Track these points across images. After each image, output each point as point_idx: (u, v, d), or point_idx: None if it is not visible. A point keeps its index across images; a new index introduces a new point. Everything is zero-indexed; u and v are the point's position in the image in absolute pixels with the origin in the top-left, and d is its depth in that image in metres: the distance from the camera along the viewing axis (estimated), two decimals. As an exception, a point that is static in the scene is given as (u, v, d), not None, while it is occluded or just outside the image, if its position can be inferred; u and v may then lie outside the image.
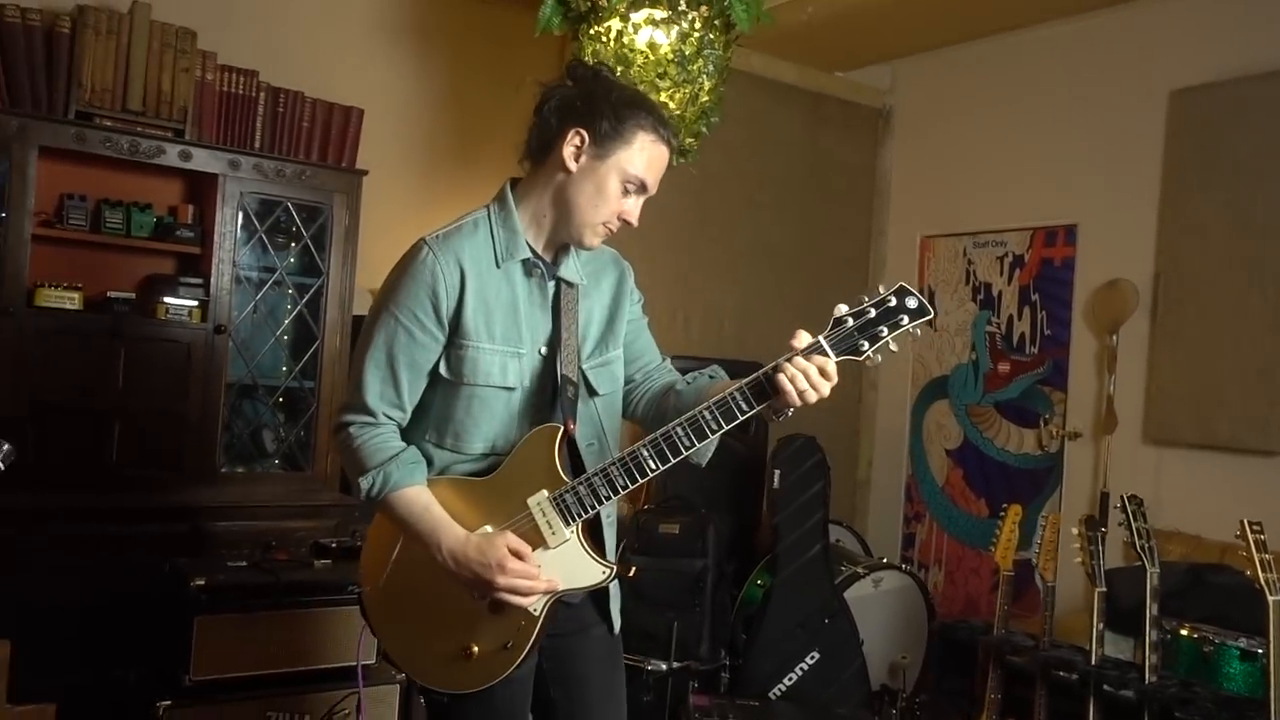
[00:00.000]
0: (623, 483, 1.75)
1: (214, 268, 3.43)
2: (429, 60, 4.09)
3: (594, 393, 1.90)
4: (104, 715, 2.91)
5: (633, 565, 3.76)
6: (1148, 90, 4.14)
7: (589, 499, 1.76)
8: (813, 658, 3.76)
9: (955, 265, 4.90)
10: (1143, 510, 2.95)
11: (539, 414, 1.83)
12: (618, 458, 1.76)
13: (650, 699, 3.47)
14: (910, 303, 1.69)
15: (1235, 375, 3.81)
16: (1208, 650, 3.04)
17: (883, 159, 5.29)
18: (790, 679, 3.73)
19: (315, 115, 3.65)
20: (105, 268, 3.41)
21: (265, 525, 3.38)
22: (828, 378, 1.68)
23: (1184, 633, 3.11)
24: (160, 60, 3.35)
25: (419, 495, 1.78)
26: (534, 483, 1.77)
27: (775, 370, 1.69)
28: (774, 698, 3.70)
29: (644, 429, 1.78)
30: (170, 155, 3.35)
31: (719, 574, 3.77)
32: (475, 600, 1.76)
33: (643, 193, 1.84)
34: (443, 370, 1.81)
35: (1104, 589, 2.98)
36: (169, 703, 2.68)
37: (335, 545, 3.12)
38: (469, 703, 1.79)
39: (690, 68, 3.01)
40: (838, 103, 5.15)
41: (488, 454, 1.82)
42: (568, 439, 1.82)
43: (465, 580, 1.74)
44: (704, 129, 3.16)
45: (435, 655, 1.79)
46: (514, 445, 1.81)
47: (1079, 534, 3.02)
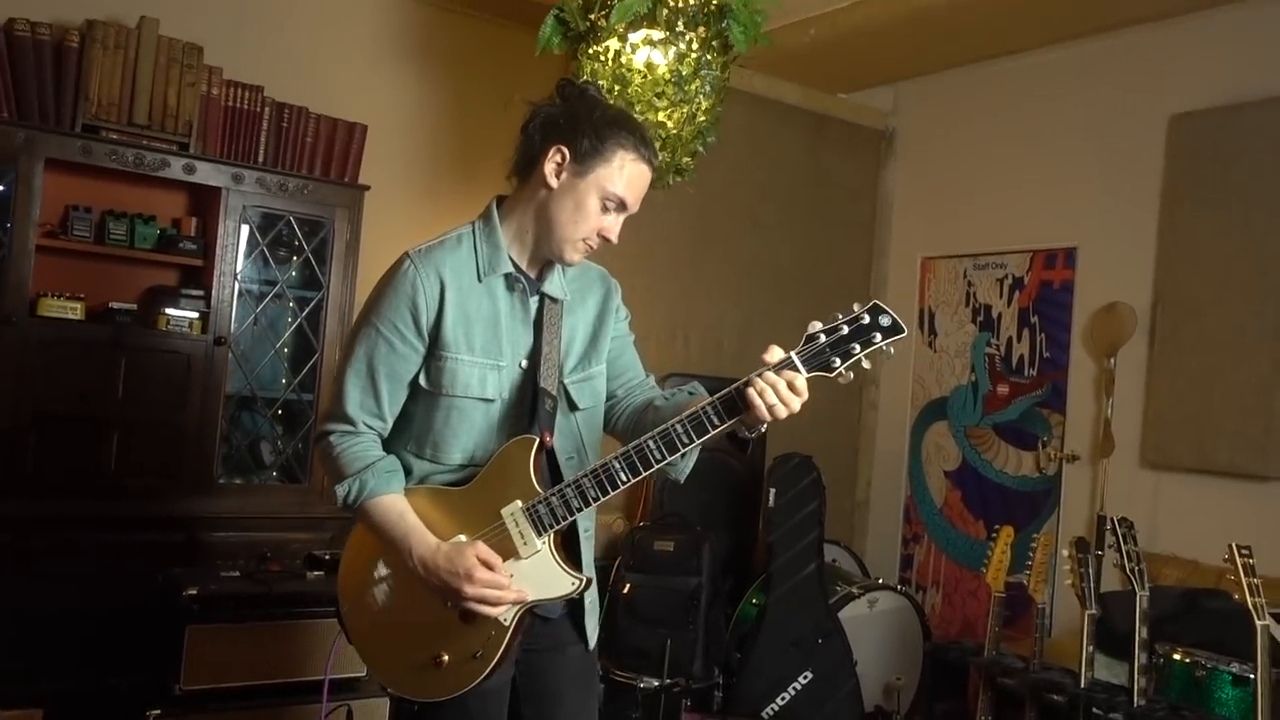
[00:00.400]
0: (594, 494, 1.77)
1: (215, 280, 3.46)
2: (432, 78, 4.13)
3: (574, 407, 1.93)
4: (93, 723, 2.93)
5: (627, 582, 3.77)
6: (1148, 115, 4.16)
7: (560, 509, 1.78)
8: (806, 677, 3.76)
9: (955, 287, 4.91)
10: (1133, 533, 2.95)
11: (518, 426, 1.85)
12: (590, 469, 1.78)
13: (639, 716, 3.47)
14: (884, 320, 1.69)
15: (1233, 400, 3.80)
16: (1200, 675, 3.03)
17: (884, 180, 5.31)
18: (783, 699, 3.73)
19: (319, 131, 3.69)
20: (108, 279, 3.45)
21: (261, 536, 3.40)
22: (797, 393, 1.69)
23: (1176, 657, 3.09)
24: (167, 75, 3.39)
25: (394, 503, 1.80)
26: (508, 493, 1.79)
27: (745, 385, 1.70)
28: (767, 717, 3.69)
29: (623, 443, 1.80)
30: (175, 168, 3.39)
31: (713, 592, 3.77)
32: (446, 609, 1.77)
33: (622, 210, 1.86)
34: (422, 381, 1.84)
35: (1094, 611, 2.97)
36: (159, 711, 2.70)
37: (329, 557, 3.14)
38: (441, 712, 1.80)
39: (687, 88, 3.03)
40: (840, 124, 5.18)
41: (466, 465, 1.84)
42: (546, 451, 1.84)
43: (435, 588, 1.76)
44: (700, 148, 3.18)
45: (406, 663, 1.81)
46: (492, 456, 1.83)
47: (1070, 556, 3.02)
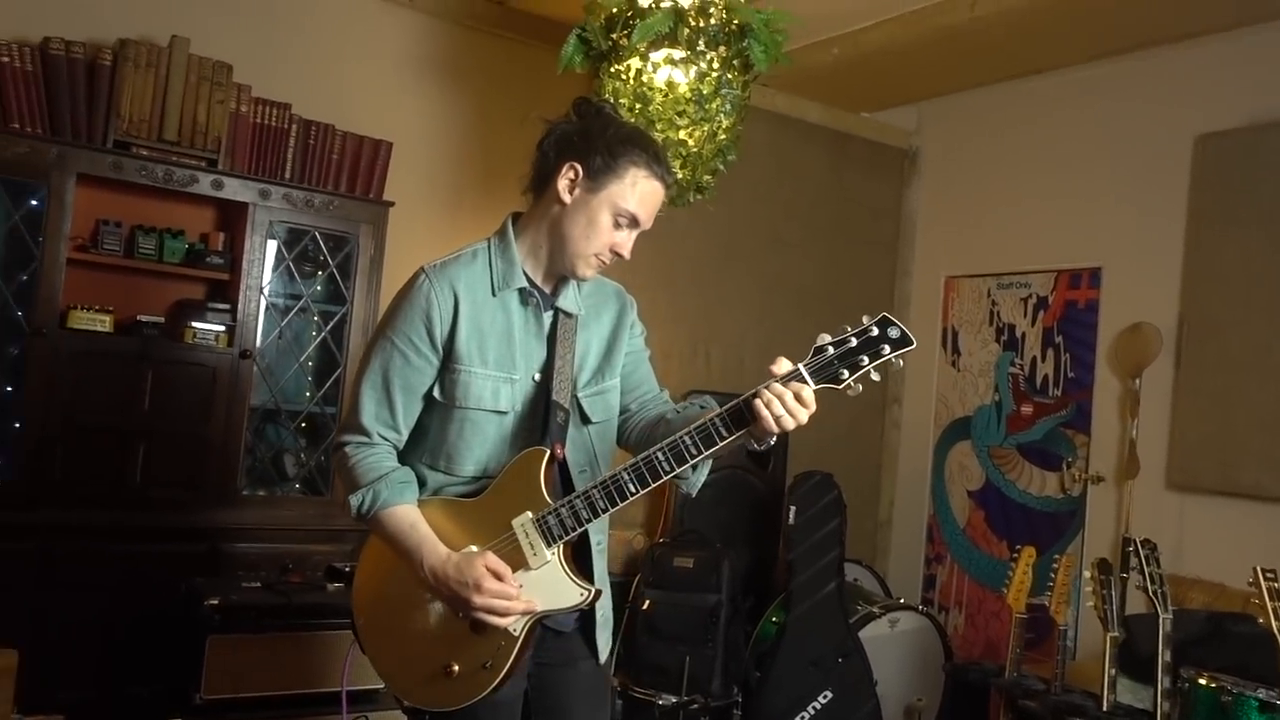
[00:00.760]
0: (603, 505, 1.78)
1: (242, 294, 3.51)
2: (456, 96, 4.18)
3: (587, 420, 1.94)
4: (114, 730, 2.96)
5: (647, 598, 3.77)
6: (1173, 135, 4.13)
7: (570, 521, 1.79)
8: (825, 697, 3.73)
9: (979, 306, 4.89)
10: (1156, 555, 2.92)
11: (531, 438, 1.87)
12: (599, 481, 1.79)
13: (657, 732, 3.46)
14: (892, 332, 1.69)
15: (1259, 422, 3.76)
16: (1225, 700, 2.98)
17: (908, 199, 5.31)
18: (803, 717, 3.70)
19: (345, 148, 3.74)
20: (137, 292, 3.50)
21: (284, 548, 3.43)
22: (805, 405, 1.68)
23: (1202, 682, 3.05)
24: (196, 92, 3.45)
25: (406, 514, 1.82)
26: (519, 504, 1.81)
27: (753, 396, 1.70)
28: (785, 736, 3.67)
29: (634, 456, 1.81)
30: (203, 184, 3.44)
31: (733, 609, 3.76)
32: (457, 619, 1.79)
33: (635, 227, 1.88)
34: (436, 394, 1.86)
35: (1116, 634, 2.94)
36: (179, 720, 2.73)
37: (349, 569, 3.16)
38: None
39: (708, 107, 3.05)
40: (863, 143, 5.18)
41: (479, 476, 1.86)
42: (558, 463, 1.86)
43: (445, 598, 1.77)
44: (721, 166, 3.20)
45: (417, 672, 1.82)
46: (503, 468, 1.85)
47: (1092, 578, 2.99)
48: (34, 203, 3.22)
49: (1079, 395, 4.42)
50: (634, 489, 1.77)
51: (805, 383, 1.69)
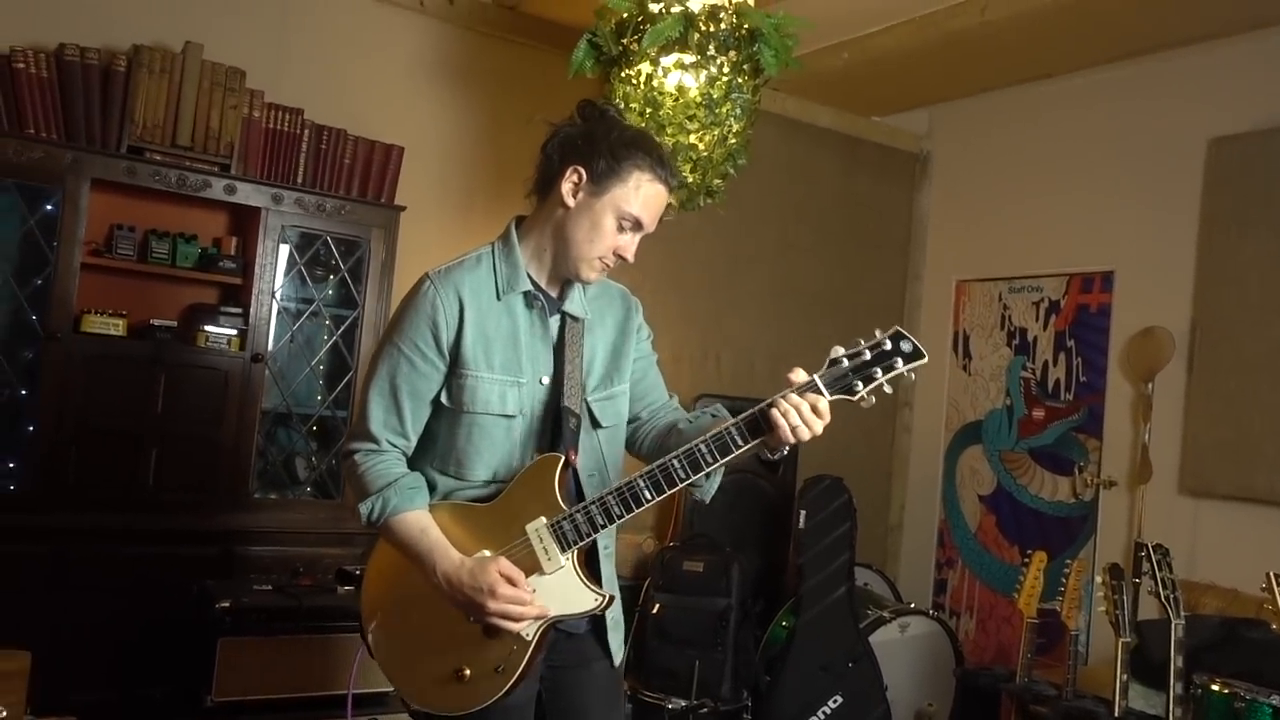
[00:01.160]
0: (618, 511, 1.78)
1: (254, 298, 3.52)
2: (467, 101, 4.20)
3: (597, 425, 1.95)
4: (126, 732, 2.97)
5: (656, 602, 3.77)
6: (1186, 138, 4.12)
7: (585, 526, 1.80)
8: (836, 701, 3.72)
9: (990, 310, 4.88)
10: (1168, 560, 2.91)
11: (540, 442, 1.87)
12: (615, 487, 1.79)
13: (667, 737, 3.46)
14: (905, 346, 1.73)
15: (1273, 426, 3.74)
16: (1239, 707, 2.96)
17: (919, 203, 5.30)
18: (812, 722, 3.70)
19: (356, 152, 3.75)
20: (150, 296, 3.53)
21: (295, 551, 3.45)
22: (820, 415, 1.70)
23: (1215, 688, 3.03)
24: (210, 98, 3.48)
25: (417, 519, 1.82)
26: (533, 510, 1.81)
27: (770, 406, 1.71)
28: (795, 741, 3.67)
29: (646, 464, 1.82)
30: (216, 189, 3.46)
31: (742, 613, 3.76)
32: (469, 623, 1.79)
33: (639, 230, 1.88)
34: (444, 399, 1.86)
35: (1128, 639, 2.93)
36: (191, 722, 2.74)
37: (360, 572, 3.13)
38: None
39: (718, 111, 3.06)
40: (874, 147, 5.18)
41: (490, 481, 1.86)
42: (570, 468, 1.86)
43: (458, 603, 1.78)
44: (731, 171, 3.20)
45: (428, 676, 1.82)
46: (516, 473, 1.85)
47: (1104, 583, 2.98)
48: (49, 207, 3.24)
49: (1091, 399, 4.40)
50: (650, 496, 1.77)
51: (821, 393, 1.71)
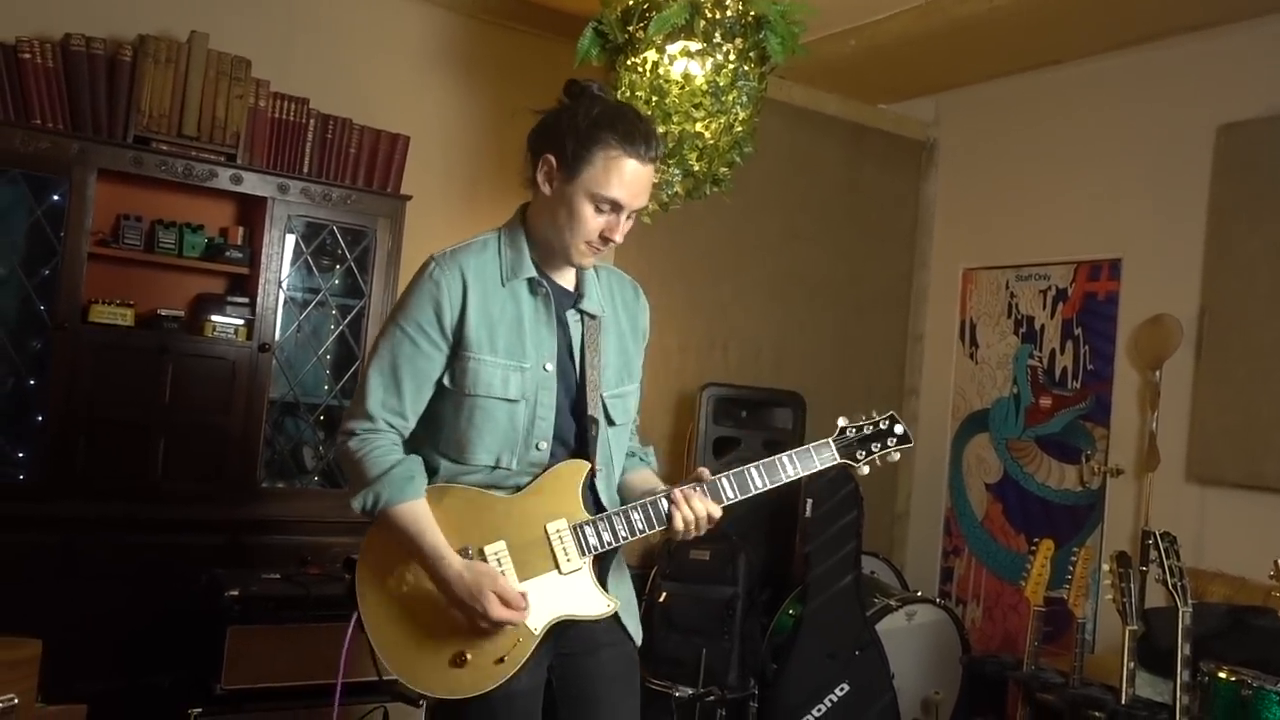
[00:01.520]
0: (641, 527, 1.85)
1: (261, 288, 3.53)
2: (473, 90, 4.19)
3: (611, 422, 1.96)
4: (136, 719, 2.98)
5: (663, 591, 3.77)
6: (1195, 124, 4.10)
7: (606, 534, 1.85)
8: (842, 689, 3.73)
9: (997, 298, 4.86)
10: (1176, 548, 2.90)
11: (542, 428, 1.88)
12: (641, 503, 1.86)
13: (673, 724, 3.47)
14: (898, 430, 2.01)
15: (1281, 414, 3.73)
16: (1246, 694, 2.96)
17: (926, 191, 5.28)
18: (819, 710, 3.71)
19: (362, 142, 3.75)
20: (157, 286, 3.53)
21: (303, 540, 3.46)
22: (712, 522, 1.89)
23: (1222, 675, 3.03)
24: (216, 87, 3.47)
25: (412, 517, 1.81)
26: (556, 510, 1.85)
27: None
28: (802, 729, 3.68)
29: None
30: (222, 179, 3.47)
31: (749, 602, 3.76)
32: None
33: (619, 210, 1.85)
34: (446, 381, 1.86)
35: (1135, 627, 2.93)
36: (200, 710, 2.76)
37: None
38: (466, 710, 1.81)
39: (724, 99, 3.05)
40: (880, 135, 5.16)
41: (493, 466, 1.86)
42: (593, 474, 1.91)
43: (455, 606, 1.79)
44: (737, 159, 3.19)
45: (428, 658, 1.82)
46: (518, 458, 1.86)
47: (1111, 570, 2.98)
48: (56, 198, 3.24)
49: (1098, 387, 4.39)
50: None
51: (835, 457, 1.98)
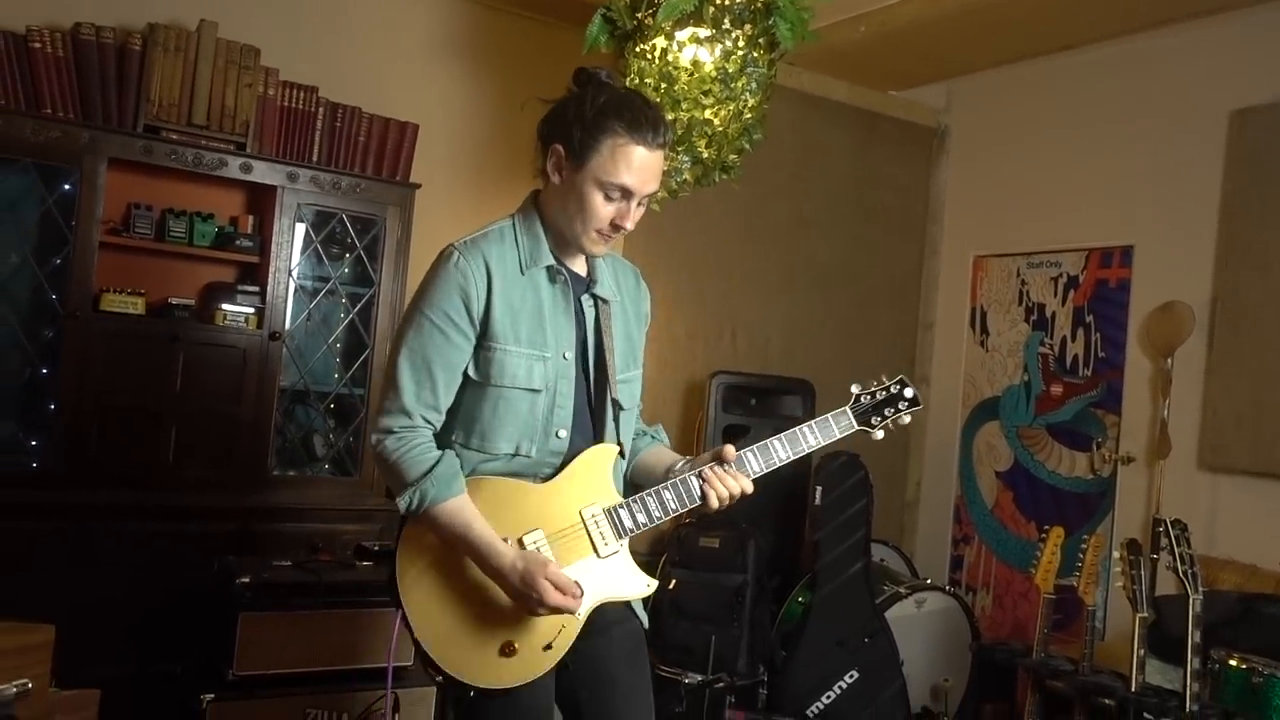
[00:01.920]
0: (674, 505, 1.88)
1: (271, 276, 3.53)
2: (482, 77, 4.18)
3: (620, 407, 1.97)
4: (148, 705, 3.00)
5: (673, 578, 3.78)
6: (1207, 110, 4.07)
7: (641, 515, 1.87)
8: (851, 676, 3.73)
9: (1008, 285, 4.84)
10: (1186, 535, 2.90)
11: (561, 416, 1.89)
12: (672, 483, 1.89)
13: (683, 711, 3.47)
14: (908, 393, 2.06)
15: (1294, 401, 3.71)
16: (1256, 681, 2.96)
17: (936, 178, 5.26)
18: (828, 697, 3.71)
19: (371, 130, 3.75)
20: (168, 275, 3.54)
21: (313, 528, 3.47)
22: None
23: (1232, 663, 3.03)
24: (225, 76, 3.48)
25: (459, 511, 1.80)
26: (589, 496, 1.88)
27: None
28: (811, 715, 3.68)
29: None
30: (232, 167, 3.47)
31: (758, 589, 3.76)
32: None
33: (629, 196, 1.84)
34: (471, 372, 1.86)
35: (1145, 614, 2.92)
36: (212, 696, 2.77)
37: (378, 548, 3.20)
38: (497, 699, 1.82)
39: (733, 85, 3.04)
40: (891, 121, 5.14)
41: (515, 454, 1.87)
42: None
43: (509, 595, 1.80)
44: (747, 146, 3.18)
45: (476, 649, 1.83)
46: (537, 446, 1.87)
47: (1121, 558, 2.97)
48: (66, 187, 3.26)
49: (1109, 375, 4.37)
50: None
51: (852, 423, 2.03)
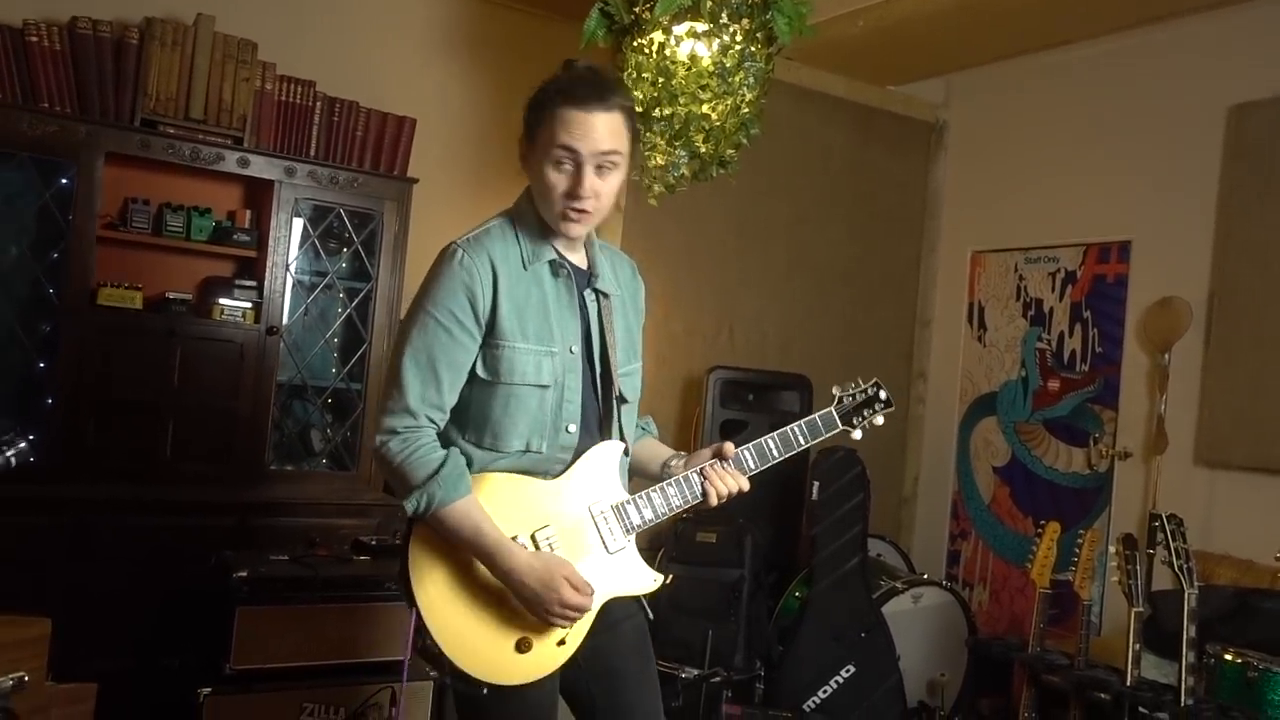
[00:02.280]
0: (677, 502, 1.90)
1: (268, 271, 3.54)
2: (479, 72, 4.18)
3: (623, 400, 1.97)
4: (146, 699, 3.01)
5: (669, 573, 3.78)
6: (1206, 105, 4.06)
7: (647, 511, 1.89)
8: (848, 671, 3.74)
9: (1006, 281, 4.84)
10: (1182, 530, 2.90)
11: (570, 410, 1.89)
12: (678, 479, 1.91)
13: (680, 706, 3.48)
14: (883, 394, 2.14)
15: (1290, 397, 3.71)
16: (1251, 676, 2.96)
17: (934, 174, 5.25)
18: (825, 691, 3.72)
19: (369, 125, 3.75)
20: (166, 269, 3.55)
21: (310, 522, 3.48)
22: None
23: (1228, 657, 3.03)
24: (222, 70, 3.48)
25: (467, 513, 1.78)
26: (596, 492, 1.88)
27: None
28: (808, 710, 3.69)
29: None
30: (229, 162, 3.47)
31: (755, 584, 3.77)
32: None
33: (577, 159, 1.80)
34: (480, 371, 1.84)
35: (1141, 609, 2.93)
36: (209, 690, 2.77)
37: (375, 543, 3.20)
38: (507, 697, 1.81)
39: (731, 80, 3.03)
40: (889, 116, 5.13)
41: (525, 451, 1.86)
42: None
43: (521, 596, 1.79)
44: (744, 141, 3.18)
45: (491, 647, 1.82)
46: (548, 442, 1.87)
47: (1117, 553, 2.98)
48: (64, 181, 3.26)
49: (1107, 370, 4.37)
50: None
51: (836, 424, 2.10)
